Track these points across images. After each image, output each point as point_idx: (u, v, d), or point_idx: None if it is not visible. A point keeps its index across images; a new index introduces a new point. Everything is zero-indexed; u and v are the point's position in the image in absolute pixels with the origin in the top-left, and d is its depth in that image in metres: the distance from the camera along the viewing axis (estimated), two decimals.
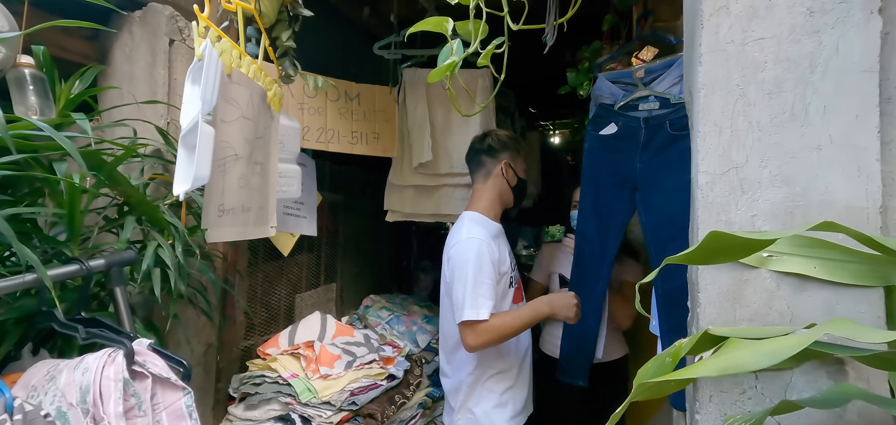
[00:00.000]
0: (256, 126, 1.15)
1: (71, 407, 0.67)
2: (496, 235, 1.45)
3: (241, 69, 1.08)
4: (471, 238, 1.37)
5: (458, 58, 0.89)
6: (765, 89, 0.81)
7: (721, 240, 0.66)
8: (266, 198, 1.26)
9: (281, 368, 1.52)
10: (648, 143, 1.58)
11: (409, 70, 1.91)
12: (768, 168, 0.80)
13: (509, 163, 1.50)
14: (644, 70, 1.64)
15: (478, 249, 1.35)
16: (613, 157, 1.63)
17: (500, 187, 1.52)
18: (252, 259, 1.71)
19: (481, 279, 1.32)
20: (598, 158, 1.67)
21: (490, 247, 1.37)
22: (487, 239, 1.38)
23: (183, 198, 0.93)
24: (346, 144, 1.75)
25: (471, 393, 1.43)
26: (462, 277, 1.33)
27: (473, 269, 1.32)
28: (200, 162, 0.85)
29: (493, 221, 1.49)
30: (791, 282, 0.77)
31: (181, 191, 0.89)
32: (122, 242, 1.01)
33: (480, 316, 1.29)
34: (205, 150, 0.87)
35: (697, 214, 0.86)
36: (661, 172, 1.54)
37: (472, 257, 1.33)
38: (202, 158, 0.86)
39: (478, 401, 1.43)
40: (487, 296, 1.31)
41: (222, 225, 1.02)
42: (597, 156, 1.67)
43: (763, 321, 0.79)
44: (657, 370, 0.78)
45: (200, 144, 0.85)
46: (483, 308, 1.30)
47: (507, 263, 1.45)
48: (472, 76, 1.80)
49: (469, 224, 1.43)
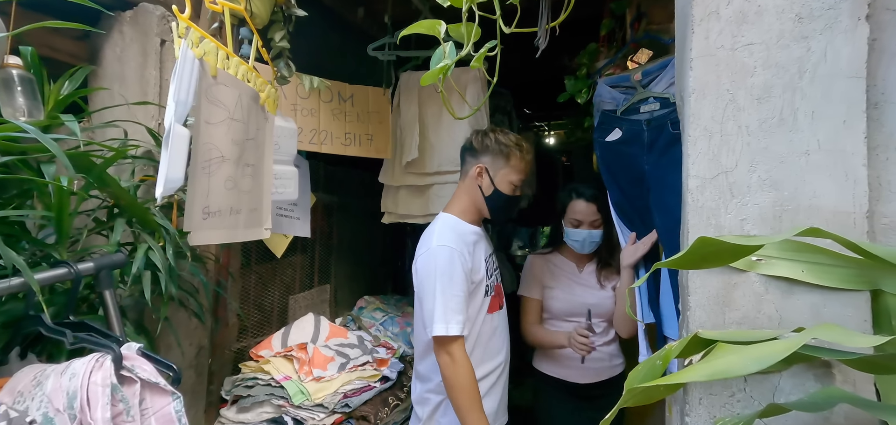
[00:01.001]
0: (246, 127, 1.15)
1: (58, 412, 0.67)
2: (471, 241, 1.34)
3: (229, 70, 1.07)
4: (441, 246, 1.27)
5: (451, 61, 0.89)
6: (754, 94, 0.82)
7: (710, 245, 0.66)
8: (259, 200, 1.25)
9: (274, 370, 1.52)
10: (653, 145, 1.57)
11: (406, 74, 1.92)
12: (757, 172, 0.81)
13: (486, 169, 1.35)
14: (641, 72, 1.64)
15: (448, 258, 1.25)
16: (623, 162, 1.60)
17: (472, 191, 1.38)
18: (245, 260, 1.70)
19: (451, 291, 1.23)
20: (612, 163, 1.62)
21: (461, 256, 1.26)
22: (459, 246, 1.27)
23: (160, 200, 0.93)
24: (340, 146, 1.75)
25: (439, 405, 1.34)
26: (430, 289, 1.25)
27: (442, 281, 1.23)
28: (172, 164, 0.85)
29: (468, 225, 1.37)
30: (779, 285, 0.78)
31: (158, 194, 0.88)
32: (112, 245, 1.00)
33: (451, 331, 1.21)
34: (177, 153, 0.86)
35: (688, 218, 0.86)
36: (669, 172, 1.51)
37: (442, 267, 1.24)
38: (174, 161, 0.85)
39: (445, 412, 1.33)
40: (457, 309, 1.22)
41: (207, 227, 1.01)
42: (610, 161, 1.63)
43: (752, 324, 0.79)
44: (647, 373, 0.79)
45: (172, 147, 0.84)
46: (453, 323, 1.21)
47: (482, 271, 1.34)
48: (464, 74, 1.80)
49: (440, 229, 1.32)
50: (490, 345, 1.39)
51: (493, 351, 1.39)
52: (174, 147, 0.89)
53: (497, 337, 1.42)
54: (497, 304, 1.43)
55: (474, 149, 1.39)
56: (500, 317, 1.45)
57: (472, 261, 1.31)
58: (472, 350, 1.33)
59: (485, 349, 1.37)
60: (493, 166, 1.37)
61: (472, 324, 1.33)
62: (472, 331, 1.33)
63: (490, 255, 1.45)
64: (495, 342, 1.41)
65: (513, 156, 1.36)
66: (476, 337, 1.34)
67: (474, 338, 1.34)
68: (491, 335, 1.39)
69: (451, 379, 1.23)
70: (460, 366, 1.22)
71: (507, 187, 1.36)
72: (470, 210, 1.40)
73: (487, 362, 1.38)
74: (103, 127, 1.30)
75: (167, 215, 1.17)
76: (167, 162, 0.88)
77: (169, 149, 0.88)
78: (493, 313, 1.41)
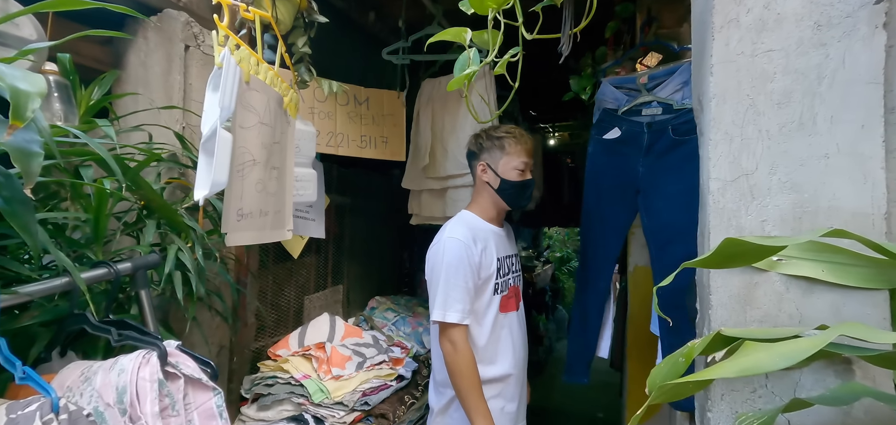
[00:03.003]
0: (273, 131, 1.18)
1: (108, 407, 0.69)
2: (484, 237, 1.38)
3: (259, 76, 1.10)
4: (450, 238, 1.33)
5: (477, 67, 0.92)
6: (774, 99, 0.84)
7: (735, 246, 0.69)
8: (282, 202, 1.28)
9: (293, 369, 1.54)
10: (651, 148, 1.62)
11: (426, 82, 1.96)
12: (777, 175, 0.84)
13: (488, 165, 1.42)
14: (647, 76, 1.68)
15: (454, 250, 1.31)
16: (616, 161, 1.66)
17: (483, 190, 1.45)
18: (263, 261, 1.73)
19: (455, 281, 1.28)
20: (601, 161, 1.70)
21: (469, 249, 1.31)
22: (468, 240, 1.32)
23: (201, 203, 0.95)
24: (356, 148, 1.78)
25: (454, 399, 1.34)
26: (436, 278, 1.31)
27: (447, 270, 1.29)
28: (218, 167, 0.87)
29: (485, 222, 1.43)
30: (800, 284, 0.80)
31: (201, 196, 0.91)
32: (145, 246, 1.03)
33: (448, 318, 1.26)
34: (223, 156, 0.89)
35: (709, 219, 0.89)
36: (663, 176, 1.57)
37: (448, 258, 1.30)
38: (220, 164, 0.88)
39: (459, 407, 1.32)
40: (459, 298, 1.27)
41: (241, 229, 1.04)
42: (600, 159, 1.71)
43: (773, 322, 0.82)
44: (671, 371, 0.81)
45: (218, 150, 0.87)
46: (451, 310, 1.26)
47: (492, 268, 1.37)
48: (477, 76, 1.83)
49: (454, 224, 1.39)
50: (503, 344, 1.41)
51: (507, 351, 1.41)
52: (220, 150, 0.91)
53: (511, 337, 1.44)
54: (512, 305, 1.45)
55: (473, 152, 1.47)
56: (515, 318, 1.47)
57: (481, 257, 1.35)
58: (485, 345, 1.36)
59: (498, 347, 1.39)
60: (492, 160, 1.43)
61: (481, 319, 1.37)
62: (482, 326, 1.37)
63: (509, 256, 1.47)
64: (509, 341, 1.42)
65: (508, 143, 1.42)
66: (488, 334, 1.37)
67: (486, 335, 1.37)
68: (503, 333, 1.42)
69: (452, 365, 1.28)
70: (461, 353, 1.26)
71: (513, 173, 1.40)
72: (486, 207, 1.45)
73: (502, 361, 1.39)
74: (129, 131, 1.32)
75: (193, 217, 1.20)
76: (214, 165, 0.91)
77: (215, 153, 0.90)
78: (507, 313, 1.43)
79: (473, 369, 1.27)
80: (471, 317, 1.34)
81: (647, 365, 2.11)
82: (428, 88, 1.93)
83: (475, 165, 1.46)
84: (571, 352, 1.76)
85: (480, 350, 1.35)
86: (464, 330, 1.29)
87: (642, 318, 2.15)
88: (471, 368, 1.27)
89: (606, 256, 1.66)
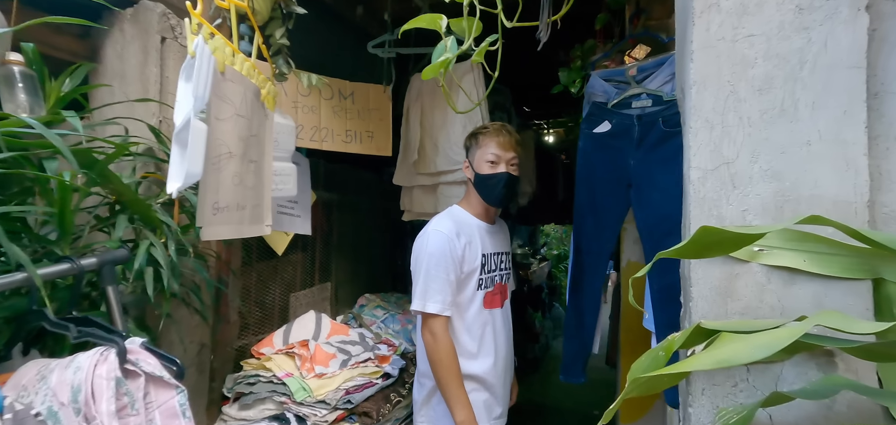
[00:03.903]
0: (250, 123, 1.15)
1: (62, 406, 0.67)
2: (470, 231, 1.39)
3: (235, 66, 1.07)
4: (434, 230, 1.34)
5: (452, 55, 0.89)
6: (755, 85, 0.82)
7: (712, 235, 0.67)
8: (261, 197, 1.26)
9: (275, 367, 1.52)
10: (642, 140, 1.60)
11: (415, 78, 1.94)
12: (759, 163, 0.81)
13: (469, 161, 1.45)
14: (636, 68, 1.65)
15: (437, 242, 1.32)
16: (608, 155, 1.64)
17: (469, 187, 1.47)
18: (246, 258, 1.71)
19: (436, 273, 1.29)
20: (593, 156, 1.68)
21: (451, 242, 1.32)
22: (452, 233, 1.33)
23: (176, 196, 0.93)
24: (341, 143, 1.75)
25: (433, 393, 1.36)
26: (417, 268, 1.33)
27: (428, 261, 1.30)
28: (192, 159, 0.85)
29: (473, 217, 1.44)
30: (781, 275, 0.78)
31: (174, 188, 0.88)
32: (115, 241, 1.00)
33: (427, 308, 1.27)
34: (197, 147, 0.86)
35: (690, 209, 0.86)
36: (656, 169, 1.55)
37: (430, 249, 1.31)
38: (194, 155, 0.85)
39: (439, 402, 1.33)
40: (439, 290, 1.28)
41: (217, 223, 1.01)
42: (591, 154, 1.68)
43: (754, 314, 0.80)
44: (650, 364, 0.79)
45: (192, 141, 0.85)
46: (431, 301, 1.27)
47: (476, 262, 1.37)
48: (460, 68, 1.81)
49: (440, 216, 1.41)
50: (485, 341, 1.40)
51: (488, 348, 1.40)
52: (194, 141, 0.89)
53: (494, 334, 1.42)
54: (497, 302, 1.44)
55: (465, 149, 1.49)
56: (500, 315, 1.46)
57: (465, 251, 1.35)
58: (467, 340, 1.36)
59: (480, 343, 1.38)
60: (471, 155, 1.45)
61: (463, 312, 1.36)
62: (464, 320, 1.36)
63: (498, 253, 1.46)
64: (491, 338, 1.41)
65: (481, 136, 1.44)
66: (469, 329, 1.37)
67: (468, 330, 1.37)
68: (487, 330, 1.40)
69: (432, 354, 1.28)
70: (441, 343, 1.27)
71: (485, 166, 1.41)
72: (474, 203, 1.45)
73: (484, 357, 1.39)
74: (104, 124, 1.29)
75: (168, 212, 1.17)
76: (188, 156, 0.88)
77: (188, 144, 0.88)
78: (491, 310, 1.42)
79: (453, 359, 1.28)
80: (453, 309, 1.33)
81: None
82: (417, 84, 1.91)
83: (462, 165, 1.49)
84: (568, 352, 1.73)
85: (462, 344, 1.34)
86: (444, 320, 1.29)
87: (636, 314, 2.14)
88: (450, 358, 1.27)
89: (600, 252, 1.64)
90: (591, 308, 1.70)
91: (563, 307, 6.26)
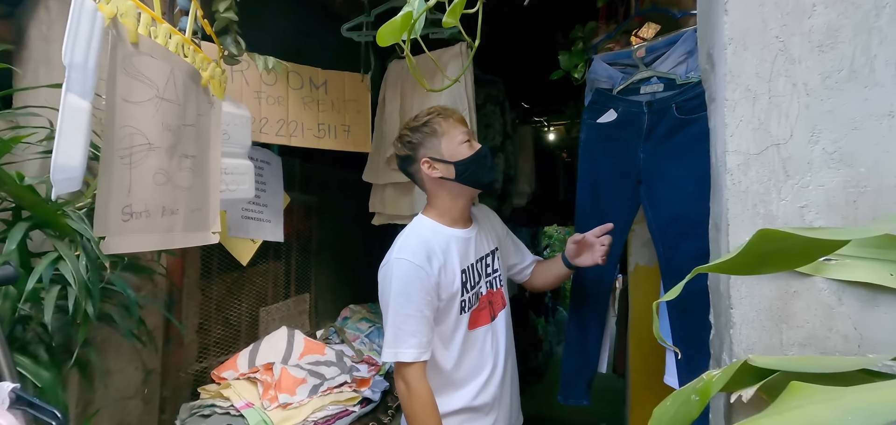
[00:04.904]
0: (183, 111, 0.95)
1: None
2: (443, 249, 1.14)
3: (158, 39, 0.88)
4: (398, 259, 1.10)
5: (417, 12, 0.70)
6: (813, 41, 0.62)
7: (773, 241, 0.46)
8: (203, 199, 1.06)
9: (234, 396, 1.32)
10: (652, 130, 1.40)
11: (393, 63, 1.74)
12: (821, 144, 0.61)
13: (431, 158, 1.15)
14: (645, 49, 1.47)
15: (404, 274, 1.08)
16: (613, 148, 1.45)
17: (436, 188, 1.18)
18: (205, 270, 1.51)
19: (406, 311, 1.06)
20: (597, 149, 1.49)
21: (421, 272, 1.08)
22: (421, 260, 1.09)
23: (54, 197, 0.73)
24: (312, 138, 1.55)
25: None
26: (385, 307, 1.10)
27: (396, 300, 1.07)
28: (65, 149, 0.65)
29: (445, 227, 1.18)
30: (858, 294, 0.58)
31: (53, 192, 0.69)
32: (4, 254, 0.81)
33: (401, 357, 1.05)
34: (72, 133, 0.67)
35: (726, 207, 0.66)
36: (668, 162, 1.36)
37: (396, 285, 1.08)
38: (68, 144, 0.66)
39: None
40: (412, 332, 1.06)
41: (130, 231, 0.82)
42: (594, 146, 1.50)
43: (820, 347, 0.59)
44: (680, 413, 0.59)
45: (63, 124, 0.65)
46: (404, 347, 1.05)
47: (456, 284, 1.13)
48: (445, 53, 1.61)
49: (405, 238, 1.15)
50: (473, 366, 1.18)
51: (478, 372, 1.18)
52: (67, 125, 0.69)
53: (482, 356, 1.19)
54: (484, 319, 1.21)
55: (406, 156, 1.19)
56: (489, 330, 1.23)
57: (440, 276, 1.11)
58: (451, 370, 1.15)
59: (467, 370, 1.17)
60: (433, 150, 1.16)
61: (448, 343, 1.15)
62: (450, 350, 1.15)
63: (479, 260, 1.22)
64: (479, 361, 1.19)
65: (436, 123, 1.16)
66: (455, 358, 1.15)
67: (454, 359, 1.15)
68: (472, 354, 1.18)
69: (406, 408, 1.07)
70: (415, 396, 1.05)
71: (463, 149, 1.15)
72: (447, 207, 1.19)
73: (473, 384, 1.17)
74: (25, 115, 1.11)
75: (89, 218, 0.98)
76: (56, 145, 0.69)
77: (58, 128, 0.69)
78: (478, 328, 1.19)
79: (431, 411, 1.06)
80: (435, 342, 1.12)
81: (651, 373, 1.89)
82: (396, 69, 1.71)
83: (416, 169, 1.19)
84: (568, 369, 1.52)
85: (447, 374, 1.13)
86: (421, 367, 1.07)
87: (645, 322, 1.94)
88: (427, 412, 1.05)
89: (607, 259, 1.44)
90: (595, 321, 1.50)
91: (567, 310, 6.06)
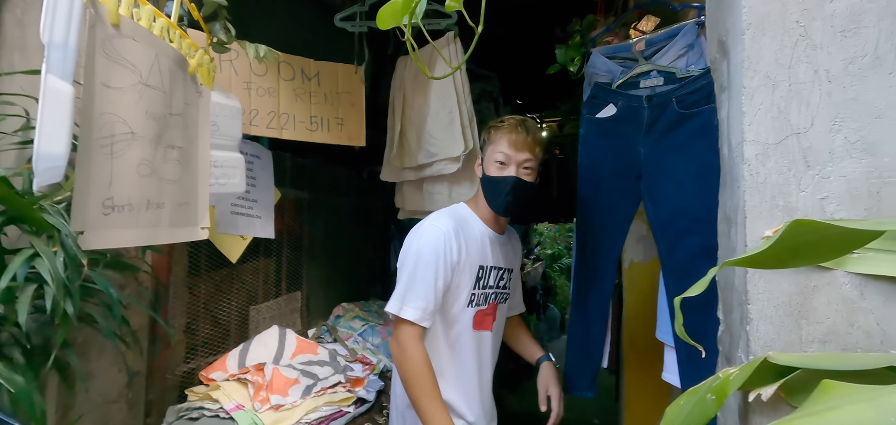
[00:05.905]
0: (169, 99, 0.90)
1: None
2: (471, 234, 1.16)
3: (141, 22, 0.83)
4: (431, 225, 1.13)
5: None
6: (836, 26, 0.60)
7: (807, 233, 0.44)
8: (191, 192, 1.01)
9: (224, 397, 1.27)
10: (653, 125, 1.39)
11: (401, 59, 1.71)
12: (843, 133, 0.59)
13: (481, 158, 1.22)
14: (644, 42, 1.45)
15: (431, 239, 1.10)
16: (613, 143, 1.43)
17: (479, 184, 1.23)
18: (192, 267, 1.45)
19: (423, 273, 1.07)
20: (596, 145, 1.47)
21: (448, 242, 1.10)
22: (450, 232, 1.11)
23: (37, 189, 0.68)
24: (304, 131, 1.51)
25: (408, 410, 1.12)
26: (403, 264, 1.11)
27: (416, 259, 1.09)
28: (49, 135, 0.61)
29: (479, 220, 1.20)
30: (880, 288, 0.56)
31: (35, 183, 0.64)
32: None
33: (404, 313, 1.05)
34: (56, 118, 0.62)
35: (743, 199, 0.64)
36: (669, 157, 1.34)
37: (422, 246, 1.10)
38: (52, 130, 0.61)
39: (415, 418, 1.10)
40: (422, 295, 1.06)
41: (111, 225, 0.77)
42: (594, 142, 1.47)
43: (841, 343, 0.57)
44: (696, 412, 0.56)
45: (45, 109, 0.60)
46: (410, 305, 1.06)
47: (468, 273, 1.14)
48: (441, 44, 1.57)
49: (441, 212, 1.19)
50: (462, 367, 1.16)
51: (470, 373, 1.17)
52: (49, 110, 0.64)
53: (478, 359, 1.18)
54: (487, 324, 1.20)
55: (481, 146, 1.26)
56: (488, 337, 1.21)
57: (461, 254, 1.12)
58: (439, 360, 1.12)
59: (453, 368, 1.14)
60: (483, 153, 1.22)
61: (448, 329, 1.14)
62: (448, 336, 1.14)
63: (499, 269, 1.21)
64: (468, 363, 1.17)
65: (494, 131, 1.19)
66: (448, 350, 1.14)
67: (446, 350, 1.13)
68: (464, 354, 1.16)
69: (400, 369, 1.07)
70: (409, 356, 1.05)
71: (492, 167, 1.17)
72: (482, 206, 1.22)
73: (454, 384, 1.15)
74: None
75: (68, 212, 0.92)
76: (38, 131, 0.64)
77: (39, 113, 0.64)
78: (479, 331, 1.18)
79: (426, 371, 1.04)
80: (435, 319, 1.10)
81: (646, 370, 1.88)
82: (401, 68, 1.68)
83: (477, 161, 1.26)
84: (573, 365, 1.51)
85: (441, 366, 1.11)
86: (418, 331, 1.06)
87: (640, 320, 1.93)
88: (422, 371, 1.03)
89: (608, 253, 1.42)
90: (598, 316, 1.49)
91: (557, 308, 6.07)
